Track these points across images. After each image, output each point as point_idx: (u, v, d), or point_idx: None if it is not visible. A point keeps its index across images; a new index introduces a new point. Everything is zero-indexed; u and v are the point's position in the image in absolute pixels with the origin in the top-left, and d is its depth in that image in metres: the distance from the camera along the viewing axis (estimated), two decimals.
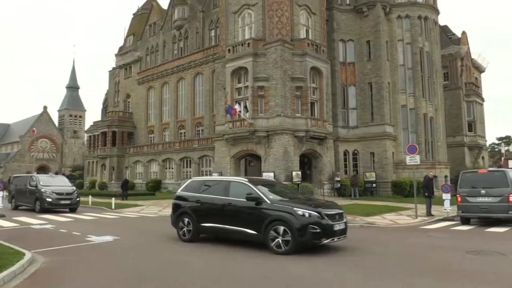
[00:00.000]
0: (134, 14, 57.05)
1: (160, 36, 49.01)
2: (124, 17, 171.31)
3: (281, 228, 9.38)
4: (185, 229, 11.35)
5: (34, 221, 16.55)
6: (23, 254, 8.68)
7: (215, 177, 14.59)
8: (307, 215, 9.31)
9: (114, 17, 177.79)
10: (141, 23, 53.10)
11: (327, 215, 9.51)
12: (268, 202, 9.85)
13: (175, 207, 11.85)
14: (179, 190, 12.29)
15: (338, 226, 9.65)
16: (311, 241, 9.27)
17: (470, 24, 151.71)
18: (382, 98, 34.36)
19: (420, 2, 37.09)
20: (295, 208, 9.49)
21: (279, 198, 10.31)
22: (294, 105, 30.69)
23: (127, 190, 33.10)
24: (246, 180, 10.92)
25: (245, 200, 10.08)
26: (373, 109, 34.76)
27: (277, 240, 9.42)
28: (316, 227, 9.19)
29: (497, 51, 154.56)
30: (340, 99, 35.58)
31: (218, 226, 10.65)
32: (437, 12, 38.52)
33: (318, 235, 9.22)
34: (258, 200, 9.89)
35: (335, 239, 9.74)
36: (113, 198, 25.35)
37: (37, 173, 38.60)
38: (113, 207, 23.55)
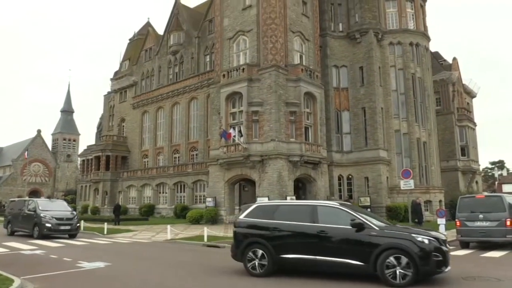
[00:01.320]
0: (130, 40, 57.70)
1: (156, 61, 49.48)
2: (120, 42, 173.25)
3: (399, 257, 8.30)
4: (256, 262, 9.69)
5: (25, 247, 16.25)
6: (12, 281, 8.47)
7: (290, 201, 12.85)
8: (426, 241, 8.42)
9: (110, 42, 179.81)
10: (137, 48, 53.67)
11: (443, 241, 8.83)
12: (376, 228, 8.78)
13: (240, 237, 10.21)
14: (241, 216, 10.58)
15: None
16: (434, 270, 8.40)
17: (461, 50, 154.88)
18: (376, 123, 34.64)
19: (411, 29, 37.91)
20: (413, 234, 8.56)
21: (382, 224, 9.33)
22: (288, 130, 30.82)
23: (120, 215, 32.71)
24: (337, 204, 9.92)
25: (344, 226, 8.92)
26: (367, 134, 34.98)
27: (393, 270, 8.28)
28: (438, 254, 8.39)
29: (487, 77, 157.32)
30: (334, 124, 35.82)
31: (307, 258, 9.15)
32: (428, 38, 39.34)
33: (440, 263, 8.40)
34: (363, 227, 8.78)
35: (449, 267, 8.92)
36: (106, 223, 25.03)
37: (29, 197, 38.12)
38: (105, 232, 23.22)
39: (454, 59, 51.80)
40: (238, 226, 10.43)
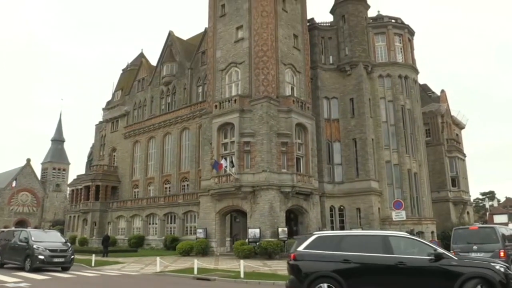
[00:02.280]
0: (123, 70, 58.22)
1: (148, 92, 49.80)
2: (113, 73, 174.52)
3: (482, 286, 8.38)
4: None
5: (10, 279, 15.77)
6: None
7: (355, 231, 12.61)
8: (502, 270, 8.61)
9: (103, 72, 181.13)
10: (130, 78, 54.08)
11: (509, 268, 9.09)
12: (455, 258, 8.93)
13: (305, 270, 9.47)
14: (300, 248, 9.96)
15: None
16: None
17: (448, 82, 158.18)
18: (367, 154, 34.88)
19: (400, 62, 38.80)
20: (492, 263, 8.73)
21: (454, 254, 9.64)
22: (280, 160, 30.86)
23: (109, 247, 32.06)
24: (407, 234, 9.87)
25: (422, 257, 8.79)
26: (358, 164, 35.14)
27: None
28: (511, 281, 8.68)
29: (475, 109, 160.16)
30: (326, 155, 36.00)
31: None
32: (416, 71, 40.23)
33: None
34: (442, 256, 8.74)
35: None
36: (94, 255, 24.48)
37: (16, 228, 37.25)
38: (93, 264, 22.67)
39: (442, 91, 52.82)
40: (300, 259, 9.69)
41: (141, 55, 56.37)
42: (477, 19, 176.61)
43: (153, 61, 52.89)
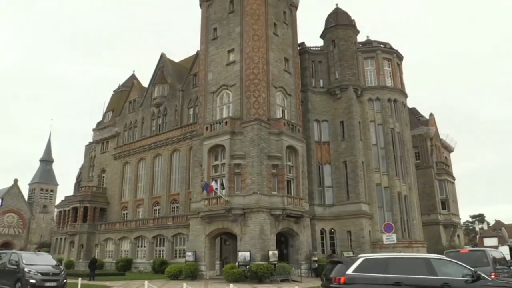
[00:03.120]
0: (114, 91, 58.23)
1: (139, 113, 49.74)
2: (104, 94, 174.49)
3: None
4: None
5: None
6: None
7: (400, 254, 12.95)
8: None
9: (94, 93, 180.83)
10: (121, 99, 54.07)
11: None
12: (489, 278, 9.71)
13: None
14: (349, 272, 9.85)
15: None
16: None
17: (436, 106, 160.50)
18: (357, 176, 34.98)
19: (389, 86, 39.38)
20: None
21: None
22: (271, 183, 30.77)
23: (96, 270, 31.40)
24: (445, 257, 10.66)
25: (461, 278, 9.40)
26: (349, 187, 35.18)
27: None
28: None
29: (463, 132, 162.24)
30: (316, 178, 36.02)
31: None
32: (405, 95, 40.81)
33: None
34: (480, 277, 9.40)
35: None
36: (80, 279, 23.87)
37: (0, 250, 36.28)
38: None
39: (431, 115, 53.57)
40: (351, 282, 9.63)
41: (133, 77, 56.56)
42: (464, 43, 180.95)
43: (145, 82, 53.07)
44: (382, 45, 40.52)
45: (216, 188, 30.06)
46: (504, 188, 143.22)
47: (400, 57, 41.53)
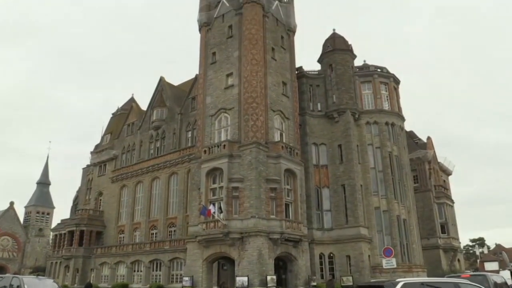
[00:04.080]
0: (113, 114, 58.41)
1: (138, 136, 49.79)
2: (103, 116, 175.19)
3: None
4: None
5: None
6: None
7: (433, 278, 13.59)
8: None
9: (92, 116, 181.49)
10: (120, 122, 54.20)
11: None
12: None
13: None
14: None
15: None
16: None
17: (434, 130, 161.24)
18: (356, 200, 34.82)
19: (387, 109, 39.64)
20: None
21: None
22: (269, 206, 30.59)
23: None
24: (468, 280, 11.76)
25: None
26: (347, 211, 34.97)
27: None
28: None
29: (460, 155, 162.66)
30: (315, 201, 35.84)
31: None
32: (402, 118, 41.05)
33: None
34: None
35: None
36: None
37: None
38: None
39: (428, 138, 53.80)
40: None
41: (132, 100, 56.85)
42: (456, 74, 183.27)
43: (144, 105, 53.33)
44: (379, 70, 41.01)
45: (214, 212, 29.86)
46: (504, 212, 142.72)
47: (396, 81, 41.95)
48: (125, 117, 53.49)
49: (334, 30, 42.22)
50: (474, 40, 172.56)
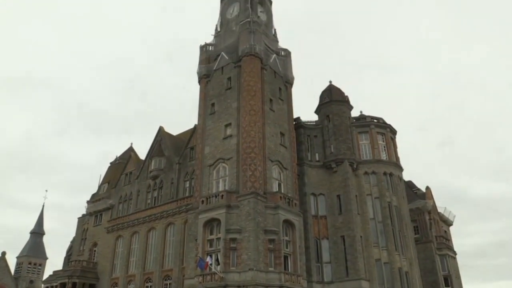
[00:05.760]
0: (111, 163, 58.35)
1: (135, 185, 49.46)
2: (101, 166, 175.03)
3: None
4: None
5: None
6: None
7: None
8: None
9: (91, 165, 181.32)
10: (118, 171, 54.01)
11: None
12: None
13: None
14: None
15: None
16: None
17: (432, 180, 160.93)
18: (356, 252, 34.13)
19: (384, 160, 39.79)
20: None
21: None
22: (267, 258, 29.91)
23: None
24: None
25: None
26: (348, 263, 34.17)
27: None
28: None
29: (460, 206, 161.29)
30: (314, 253, 35.10)
31: None
32: (400, 168, 41.10)
33: None
34: None
35: None
36: None
37: None
38: None
39: (427, 188, 53.50)
40: None
41: (130, 149, 56.99)
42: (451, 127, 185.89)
43: (142, 155, 53.38)
44: (375, 120, 41.57)
45: (211, 264, 29.16)
46: (508, 264, 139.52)
47: (393, 132, 42.41)
48: (123, 166, 53.37)
49: (330, 81, 43.29)
50: (468, 92, 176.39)
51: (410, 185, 52.80)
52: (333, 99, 40.97)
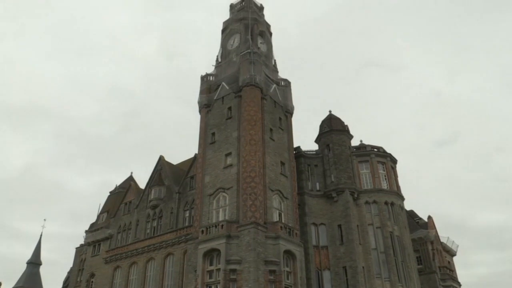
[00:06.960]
0: (110, 192, 58.07)
1: (135, 215, 49.05)
2: (101, 195, 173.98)
3: None
4: None
5: None
6: None
7: None
8: None
9: (90, 195, 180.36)
10: (117, 201, 53.69)
11: None
12: None
13: None
14: None
15: None
16: None
17: (434, 209, 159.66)
18: (358, 283, 33.49)
19: (385, 189, 39.59)
20: None
21: None
22: None
23: None
24: None
25: None
26: None
27: None
28: None
29: (463, 236, 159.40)
30: (315, 284, 34.44)
31: None
32: (402, 198, 40.83)
33: None
34: None
35: None
36: None
37: None
38: None
39: (429, 217, 52.96)
40: None
41: (130, 178, 56.85)
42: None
43: (142, 184, 53.19)
44: (375, 149, 41.62)
45: None
46: None
47: (394, 161, 42.39)
48: (123, 195, 53.10)
49: (330, 111, 43.59)
50: (468, 119, 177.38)
51: (411, 214, 52.34)
52: (333, 129, 41.18)
